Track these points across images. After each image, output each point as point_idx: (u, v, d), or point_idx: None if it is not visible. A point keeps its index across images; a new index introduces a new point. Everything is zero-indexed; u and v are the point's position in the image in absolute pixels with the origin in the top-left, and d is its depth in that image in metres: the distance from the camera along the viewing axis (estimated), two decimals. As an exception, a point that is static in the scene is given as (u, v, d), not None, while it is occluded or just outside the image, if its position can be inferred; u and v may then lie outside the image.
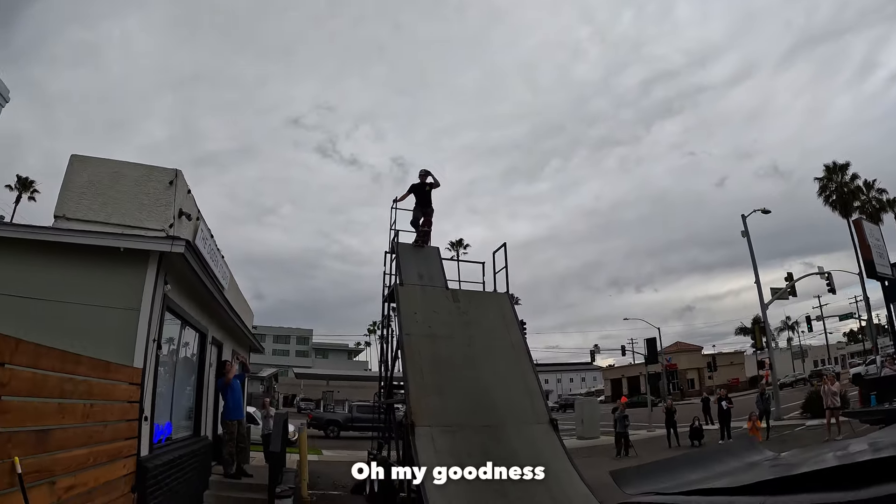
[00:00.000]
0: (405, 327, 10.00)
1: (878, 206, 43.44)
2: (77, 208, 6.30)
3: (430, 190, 12.90)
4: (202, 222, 7.69)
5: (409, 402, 8.65)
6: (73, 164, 6.45)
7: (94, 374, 4.59)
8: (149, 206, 6.44)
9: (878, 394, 14.42)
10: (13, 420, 3.33)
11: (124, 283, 6.06)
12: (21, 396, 3.43)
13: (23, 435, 3.43)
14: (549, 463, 8.31)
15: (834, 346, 67.14)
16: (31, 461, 3.43)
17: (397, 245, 12.20)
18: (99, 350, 4.99)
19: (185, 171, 6.84)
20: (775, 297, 30.69)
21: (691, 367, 64.78)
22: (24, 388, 3.47)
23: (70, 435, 4.11)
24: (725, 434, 19.84)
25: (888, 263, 22.78)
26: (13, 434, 3.32)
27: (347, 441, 24.99)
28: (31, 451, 3.51)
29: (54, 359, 3.90)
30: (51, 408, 3.84)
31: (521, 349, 10.59)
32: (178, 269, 6.77)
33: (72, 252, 6.01)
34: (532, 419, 9.22)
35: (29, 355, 3.54)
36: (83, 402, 4.37)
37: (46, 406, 3.78)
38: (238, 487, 9.03)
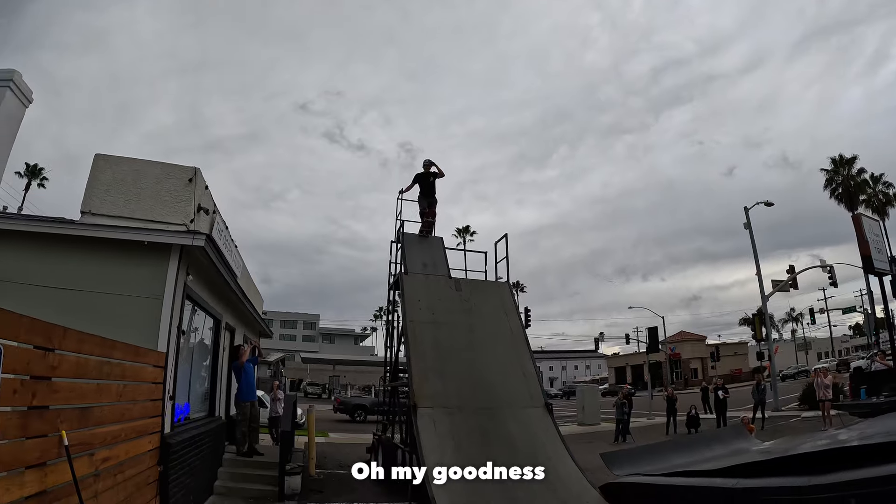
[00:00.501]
0: (409, 314, 10.44)
1: (884, 200, 43.28)
2: (102, 204, 6.77)
3: (434, 180, 13.26)
4: (218, 215, 8.16)
5: (412, 384, 9.07)
6: (97, 163, 6.92)
7: (126, 358, 5.09)
8: (170, 203, 6.91)
9: (868, 388, 14.87)
10: (61, 398, 3.80)
11: (148, 273, 6.55)
12: (67, 378, 3.91)
13: (69, 411, 3.92)
14: (542, 444, 8.78)
15: (838, 339, 67.29)
16: (74, 435, 3.91)
17: (403, 235, 12.64)
18: (126, 335, 5.45)
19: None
20: (776, 290, 30.88)
21: (695, 357, 65.07)
22: (70, 370, 3.94)
23: (106, 412, 4.60)
24: (721, 423, 20.22)
25: (886, 259, 22.95)
26: (61, 410, 3.81)
27: (355, 424, 25.59)
28: (76, 425, 4.00)
29: (94, 344, 4.39)
30: (91, 388, 4.33)
31: (519, 336, 11.01)
32: (197, 261, 7.27)
33: (100, 245, 6.50)
34: (528, 403, 9.65)
35: (74, 341, 4.02)
36: (117, 383, 4.87)
37: (87, 386, 4.26)
38: (250, 465, 9.59)
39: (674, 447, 9.48)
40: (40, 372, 3.53)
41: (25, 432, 3.34)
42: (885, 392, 14.18)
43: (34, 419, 3.45)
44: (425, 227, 13.16)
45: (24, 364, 3.34)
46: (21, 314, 3.38)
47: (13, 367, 3.19)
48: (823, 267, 31.66)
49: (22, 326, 3.38)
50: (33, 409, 3.44)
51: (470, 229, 70.54)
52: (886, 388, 14.32)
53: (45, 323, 3.64)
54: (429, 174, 13.20)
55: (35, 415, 3.46)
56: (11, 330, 3.24)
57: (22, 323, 3.38)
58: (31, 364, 3.43)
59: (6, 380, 3.08)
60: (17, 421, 3.25)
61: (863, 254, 22.93)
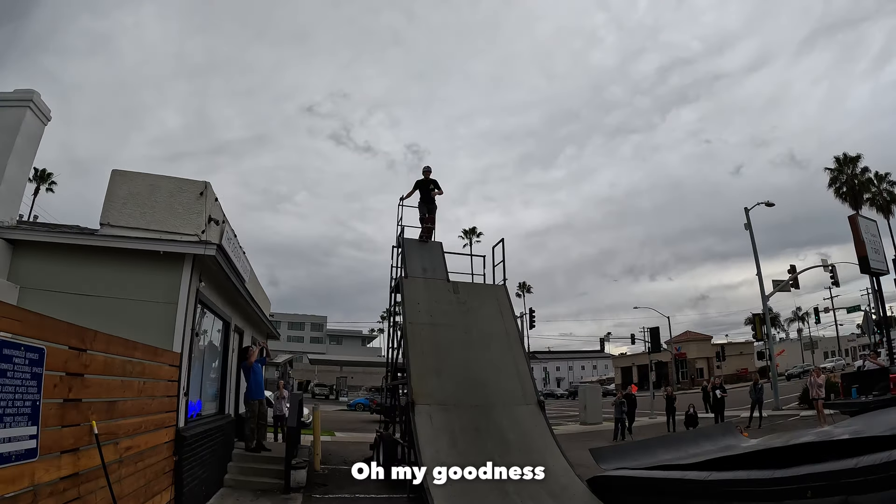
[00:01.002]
0: (408, 316, 10.95)
1: (888, 199, 43.36)
2: (120, 216, 7.34)
3: (434, 188, 13.79)
4: (227, 224, 8.71)
5: (411, 383, 9.58)
6: (114, 178, 7.49)
7: (146, 357, 5.65)
8: (182, 214, 7.47)
9: (859, 387, 15.23)
10: (92, 393, 4.35)
11: (164, 281, 7.14)
12: (97, 374, 4.46)
13: (98, 404, 4.46)
14: (534, 440, 9.27)
15: (845, 338, 67.24)
16: (102, 425, 4.45)
17: (403, 240, 13.17)
18: (143, 337, 5.97)
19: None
20: (776, 290, 31.14)
21: (700, 357, 65.24)
22: (99, 368, 4.49)
23: (129, 406, 5.16)
24: (719, 422, 20.62)
25: (883, 259, 23.23)
26: (92, 403, 4.35)
27: (360, 424, 26.09)
28: (104, 417, 4.54)
29: (119, 345, 4.95)
30: (116, 384, 4.88)
31: (514, 337, 11.50)
32: (209, 268, 7.86)
33: (119, 255, 7.09)
34: (521, 400, 10.13)
35: (103, 342, 4.57)
36: (139, 380, 5.43)
37: (113, 382, 4.82)
38: (258, 459, 10.14)
39: (661, 443, 9.88)
40: (75, 369, 4.09)
41: (63, 421, 3.88)
42: (874, 391, 14.47)
43: (70, 410, 3.99)
44: (425, 232, 13.69)
45: (62, 362, 3.90)
46: (59, 319, 3.94)
47: (54, 365, 3.73)
48: (825, 267, 31.87)
49: (60, 330, 3.94)
50: (69, 402, 3.98)
51: (476, 230, 71.09)
52: (876, 387, 14.59)
53: (79, 327, 4.19)
54: (429, 181, 13.72)
55: (71, 406, 4.01)
56: (52, 333, 3.80)
57: (60, 327, 3.94)
58: (67, 362, 3.98)
59: (48, 376, 3.63)
60: (56, 411, 3.79)
61: (859, 255, 23.19)
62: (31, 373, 3.44)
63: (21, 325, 3.45)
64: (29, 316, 3.59)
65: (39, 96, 7.42)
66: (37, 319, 3.66)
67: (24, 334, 3.45)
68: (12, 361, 3.27)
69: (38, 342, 3.56)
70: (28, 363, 3.42)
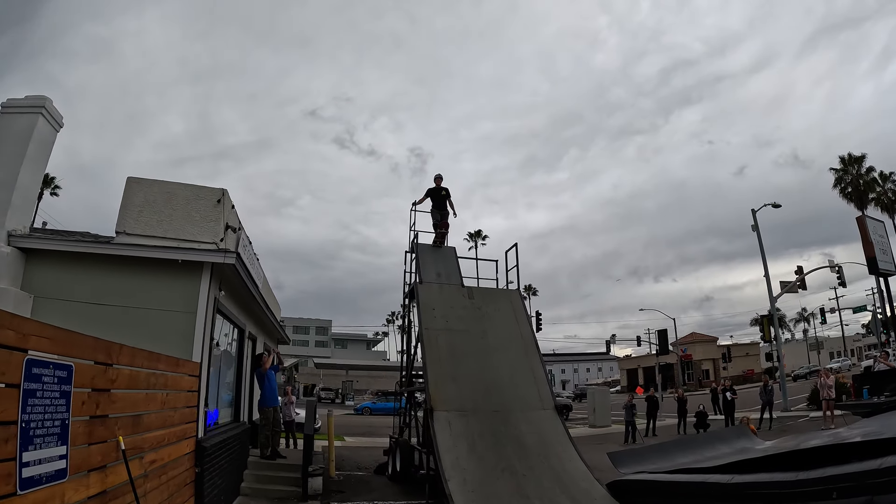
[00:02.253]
0: (424, 322, 10.86)
1: (893, 199, 43.15)
2: (136, 225, 7.24)
3: (446, 195, 13.75)
4: (243, 231, 8.63)
5: (429, 389, 9.47)
6: (129, 186, 7.40)
7: (168, 369, 5.55)
8: (199, 222, 7.37)
9: (871, 388, 15.05)
10: (118, 408, 4.25)
11: (182, 290, 7.04)
12: (123, 389, 4.36)
13: (124, 419, 4.36)
14: (552, 445, 9.18)
15: (851, 339, 66.93)
16: (129, 440, 4.36)
17: (417, 246, 13.09)
18: (162, 347, 5.87)
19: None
20: (784, 291, 30.99)
21: (706, 358, 64.96)
22: (125, 382, 4.39)
23: (153, 419, 5.06)
24: (730, 424, 20.46)
25: (891, 259, 23.08)
26: (119, 418, 4.26)
27: (370, 428, 25.97)
28: (130, 431, 4.44)
29: (143, 358, 4.85)
30: (141, 397, 4.78)
31: (530, 341, 11.40)
32: (227, 277, 7.77)
33: (135, 263, 6.99)
34: (538, 405, 10.04)
35: (127, 356, 4.47)
36: (162, 392, 5.33)
37: (138, 395, 4.72)
38: (273, 467, 10.06)
39: (678, 446, 9.80)
40: (102, 385, 3.99)
41: (90, 438, 3.78)
42: (886, 392, 14.25)
43: (97, 427, 3.89)
44: (438, 238, 13.64)
45: (89, 379, 3.80)
46: (85, 335, 3.84)
47: (81, 382, 3.64)
48: (832, 267, 31.62)
49: (87, 345, 3.85)
50: (96, 418, 3.89)
51: (482, 234, 70.96)
52: (888, 388, 14.38)
53: (105, 341, 4.09)
54: (440, 188, 13.69)
55: (98, 423, 3.91)
56: (80, 349, 3.71)
57: (87, 342, 3.85)
58: (95, 378, 3.89)
59: (76, 393, 3.53)
60: (84, 429, 3.69)
61: (867, 255, 23.11)
62: (59, 391, 3.34)
63: (50, 343, 3.34)
64: (58, 333, 3.49)
65: (51, 102, 7.32)
66: (65, 336, 3.55)
67: (52, 351, 3.35)
68: (41, 380, 3.17)
69: (66, 359, 3.47)
70: (57, 381, 3.32)
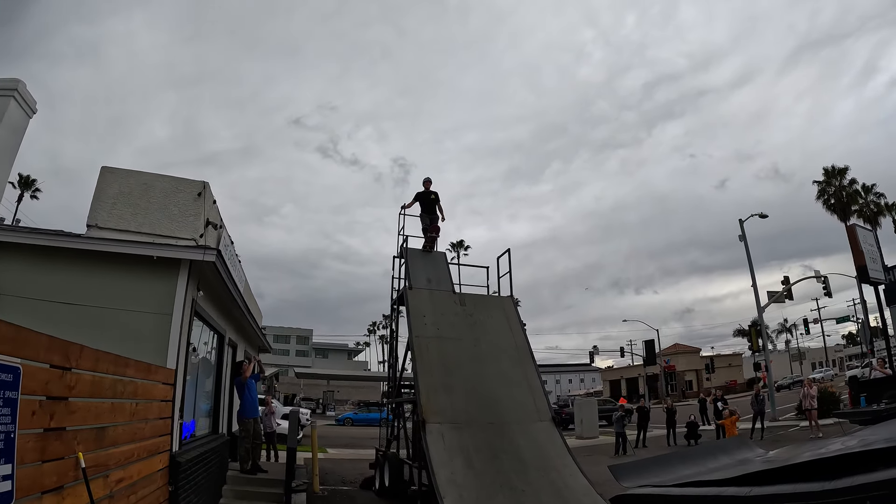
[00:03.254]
0: (415, 329, 10.35)
1: (875, 210, 43.52)
2: (109, 218, 6.64)
3: (436, 199, 13.30)
4: (224, 230, 8.05)
5: (420, 400, 8.97)
6: (103, 176, 6.80)
7: (139, 375, 4.95)
8: (178, 217, 6.80)
9: (868, 396, 14.99)
10: (78, 419, 3.66)
11: (157, 289, 6.41)
12: (83, 397, 3.77)
13: (85, 432, 3.78)
14: (551, 458, 8.72)
15: (832, 349, 67.40)
16: (90, 456, 3.77)
17: (407, 250, 12.56)
18: (133, 352, 5.30)
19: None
20: (772, 301, 31.02)
21: (689, 369, 65.04)
22: (86, 389, 3.80)
23: (120, 432, 4.46)
24: (722, 434, 20.23)
25: (881, 268, 23.07)
26: (78, 431, 3.67)
27: (351, 439, 25.28)
28: (91, 446, 3.86)
29: (109, 362, 4.26)
30: (105, 407, 4.18)
31: (524, 350, 10.97)
32: (206, 277, 7.14)
33: (107, 259, 6.34)
34: (535, 417, 9.59)
35: (90, 359, 3.89)
36: (131, 402, 4.73)
37: (102, 405, 4.12)
38: (254, 482, 9.42)
39: (680, 458, 9.39)
40: (58, 392, 3.40)
41: (43, 455, 3.19)
42: (884, 399, 14.14)
43: (52, 441, 3.31)
44: (428, 242, 13.16)
45: (42, 384, 3.21)
46: (38, 332, 3.26)
47: (32, 388, 3.05)
48: (818, 277, 31.78)
49: (41, 345, 3.26)
50: (51, 431, 3.30)
51: (464, 244, 70.54)
52: (886, 395, 14.30)
53: (62, 341, 3.51)
54: (430, 192, 13.25)
55: (53, 437, 3.32)
56: (31, 349, 3.12)
57: (41, 342, 3.26)
58: (49, 384, 3.30)
59: (25, 401, 2.95)
60: (34, 444, 3.10)
61: (858, 264, 23.01)
62: (2, 398, 2.76)
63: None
64: (2, 329, 2.90)
65: (25, 86, 6.70)
66: (12, 332, 2.96)
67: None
68: None
69: (12, 360, 2.89)
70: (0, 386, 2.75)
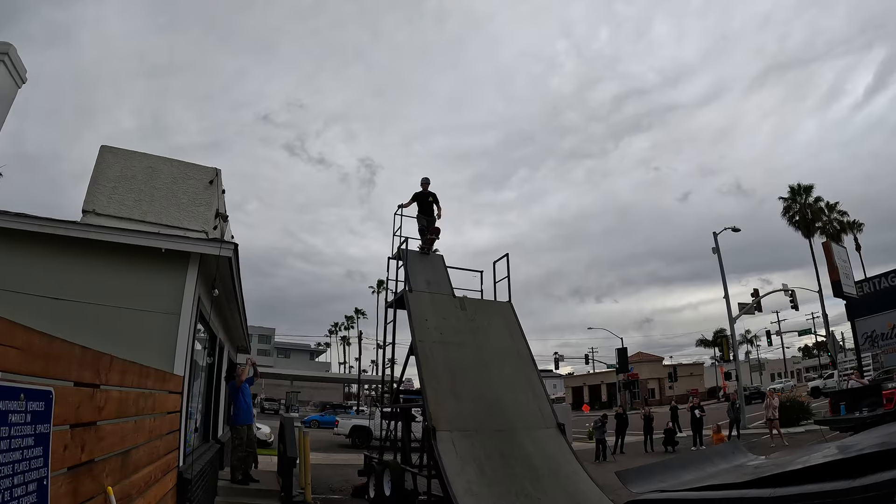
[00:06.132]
0: (418, 334, 9.97)
1: (838, 228, 44.84)
2: (109, 203, 5.90)
3: (434, 200, 12.86)
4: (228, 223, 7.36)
5: (428, 407, 8.68)
6: (103, 156, 6.04)
7: (156, 386, 4.28)
8: (187, 205, 6.09)
9: (847, 404, 15.46)
10: (106, 446, 3.01)
11: (164, 286, 5.69)
12: (111, 419, 3.11)
13: (112, 461, 3.12)
14: (560, 465, 8.71)
15: (790, 361, 69.18)
16: (117, 489, 3.13)
17: (406, 252, 12.04)
18: (136, 357, 4.62)
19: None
20: (743, 312, 31.51)
21: (652, 377, 65.97)
22: (113, 409, 3.14)
23: (141, 454, 3.78)
24: (698, 441, 20.58)
25: (853, 283, 23.69)
26: (106, 462, 3.02)
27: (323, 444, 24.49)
28: (118, 477, 3.20)
29: (134, 374, 3.60)
30: (129, 428, 3.51)
31: (526, 356, 10.82)
32: (215, 273, 6.39)
33: (106, 250, 5.59)
34: (541, 424, 9.47)
35: (118, 372, 3.23)
36: (150, 418, 4.06)
37: (127, 426, 3.45)
38: (248, 493, 8.73)
39: (680, 463, 9.28)
40: (88, 417, 2.73)
41: (76, 500, 2.54)
42: (864, 407, 14.64)
43: (83, 479, 2.65)
44: (426, 244, 12.68)
45: (73, 410, 2.53)
46: (69, 342, 2.56)
47: (63, 417, 2.38)
48: (785, 291, 32.38)
49: (73, 359, 2.59)
50: (81, 467, 2.64)
51: (434, 249, 69.62)
52: (865, 403, 14.81)
53: (93, 352, 2.83)
54: (428, 193, 12.81)
55: (84, 472, 2.67)
56: (63, 365, 2.46)
57: (73, 354, 2.58)
58: (80, 408, 2.62)
59: (57, 434, 2.29)
60: (67, 487, 2.45)
61: (832, 279, 23.53)
62: (34, 434, 2.07)
63: (19, 355, 2.03)
64: (33, 339, 2.18)
65: (16, 51, 5.90)
66: (44, 345, 2.27)
67: (21, 370, 2.07)
68: (8, 421, 1.91)
69: (42, 381, 2.21)
70: (30, 420, 2.05)
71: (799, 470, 6.65)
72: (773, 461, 8.43)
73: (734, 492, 6.48)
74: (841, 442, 9.26)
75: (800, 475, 6.45)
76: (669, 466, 9.33)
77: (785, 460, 8.18)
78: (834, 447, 7.79)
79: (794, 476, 6.43)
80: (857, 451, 6.45)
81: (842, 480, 5.04)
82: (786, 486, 5.72)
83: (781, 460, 8.55)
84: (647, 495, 7.68)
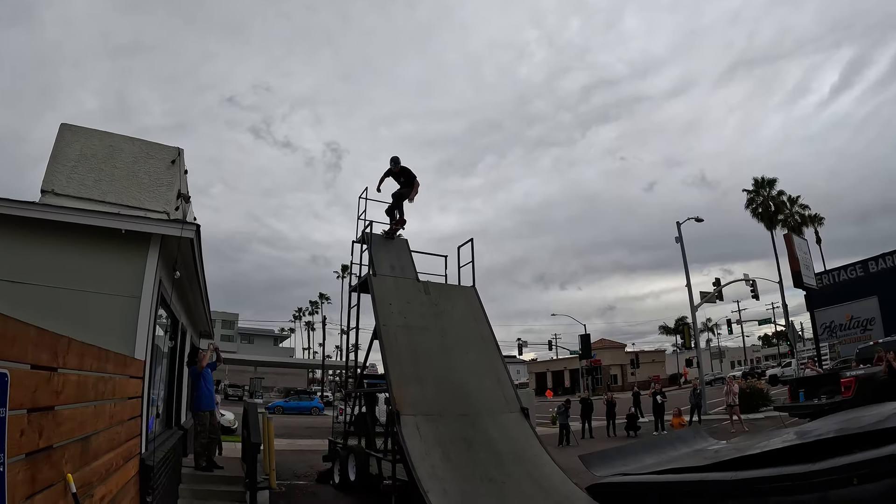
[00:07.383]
0: (381, 318, 9.95)
1: (800, 221, 46.03)
2: (68, 183, 5.72)
3: (404, 180, 12.63)
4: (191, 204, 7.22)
5: (392, 391, 8.68)
6: (62, 134, 5.84)
7: (117, 371, 4.19)
8: (148, 186, 5.95)
9: (805, 391, 15.91)
10: (65, 432, 2.94)
11: (124, 268, 5.55)
12: (70, 404, 3.04)
13: (71, 447, 3.05)
14: (523, 449, 8.78)
15: (750, 349, 71.19)
16: (77, 476, 3.06)
17: (371, 235, 11.98)
18: (96, 341, 4.50)
19: None
20: (704, 301, 32.22)
21: (615, 364, 67.24)
22: (72, 394, 3.05)
23: (101, 440, 3.71)
24: (660, 426, 21.05)
25: (813, 275, 24.45)
26: (65, 448, 2.95)
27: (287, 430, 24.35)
28: (78, 464, 3.14)
29: (93, 357, 3.52)
30: (89, 413, 3.44)
31: (490, 341, 10.87)
32: (174, 254, 6.22)
33: (65, 231, 5.43)
34: (505, 408, 9.54)
35: (76, 355, 3.14)
36: (111, 403, 3.98)
37: (86, 411, 3.38)
38: (212, 480, 8.64)
39: (643, 448, 9.56)
40: (45, 401, 2.65)
41: (34, 487, 2.48)
42: (822, 394, 15.04)
43: (41, 466, 2.58)
44: (392, 230, 12.57)
45: (30, 393, 2.46)
46: (25, 322, 2.48)
47: (20, 400, 2.31)
48: (747, 281, 33.29)
49: (29, 340, 2.50)
50: (39, 453, 2.57)
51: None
52: (822, 391, 15.22)
53: (51, 333, 2.73)
54: (399, 173, 12.54)
55: (42, 459, 2.60)
56: (19, 346, 2.39)
57: (28, 336, 2.50)
58: (37, 392, 2.54)
59: (13, 419, 2.23)
60: (24, 474, 2.38)
61: (793, 269, 24.26)
62: None
63: None
64: None
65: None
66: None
67: None
68: None
69: (0, 363, 2.18)
70: None
71: (759, 454, 6.90)
72: (733, 445, 8.73)
73: (695, 475, 6.69)
74: (800, 427, 9.65)
75: (760, 459, 6.71)
76: (632, 451, 9.58)
77: (745, 445, 8.47)
78: (793, 433, 8.10)
79: (755, 460, 6.68)
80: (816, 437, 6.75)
81: (801, 464, 5.29)
82: (746, 470, 5.95)
83: (742, 445, 8.86)
84: (610, 479, 7.89)
